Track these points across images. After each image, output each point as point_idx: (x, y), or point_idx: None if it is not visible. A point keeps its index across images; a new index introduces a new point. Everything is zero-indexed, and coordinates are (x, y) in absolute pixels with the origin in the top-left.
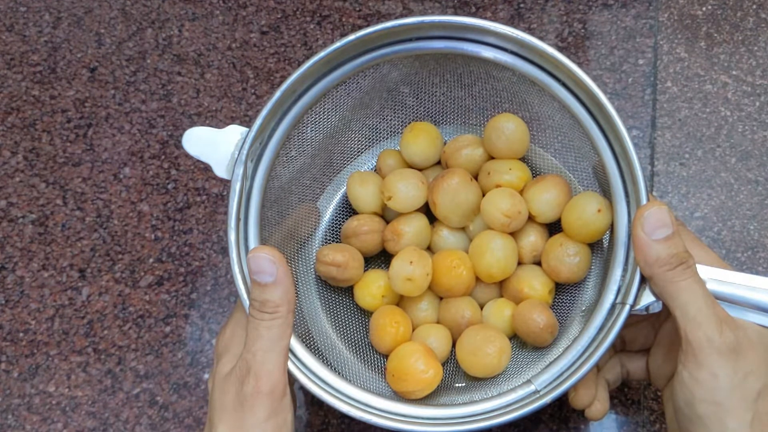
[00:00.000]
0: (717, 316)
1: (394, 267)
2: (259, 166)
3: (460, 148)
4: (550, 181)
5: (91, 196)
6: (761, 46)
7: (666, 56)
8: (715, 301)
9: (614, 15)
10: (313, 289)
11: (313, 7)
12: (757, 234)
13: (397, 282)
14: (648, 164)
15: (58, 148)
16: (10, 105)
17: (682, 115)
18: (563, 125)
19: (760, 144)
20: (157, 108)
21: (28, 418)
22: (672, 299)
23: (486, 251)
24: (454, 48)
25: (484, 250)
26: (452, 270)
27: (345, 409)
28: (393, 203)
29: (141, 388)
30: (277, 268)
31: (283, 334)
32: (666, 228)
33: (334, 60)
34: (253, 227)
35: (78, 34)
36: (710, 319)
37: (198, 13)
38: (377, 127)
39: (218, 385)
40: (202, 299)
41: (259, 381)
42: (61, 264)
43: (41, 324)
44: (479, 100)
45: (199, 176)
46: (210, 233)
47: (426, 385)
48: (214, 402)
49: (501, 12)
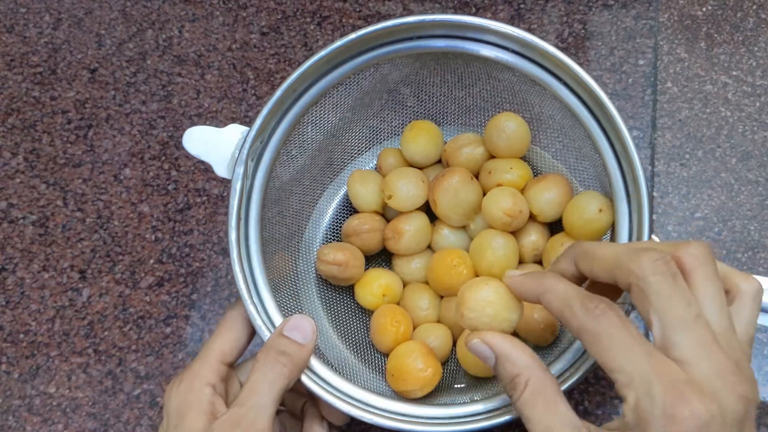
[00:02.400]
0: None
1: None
2: (259, 165)
3: (460, 146)
4: (552, 181)
5: (92, 197)
6: (761, 47)
7: (666, 57)
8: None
9: (614, 15)
10: (313, 289)
11: (314, 8)
12: (757, 234)
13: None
14: (648, 165)
15: (58, 149)
16: (11, 106)
17: (682, 115)
18: (564, 125)
19: (761, 144)
20: (158, 109)
21: (29, 419)
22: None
23: (487, 250)
24: (455, 47)
25: (485, 248)
26: (453, 269)
27: (345, 409)
28: (393, 202)
29: (141, 389)
30: (313, 336)
31: (279, 395)
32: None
33: (334, 59)
34: (254, 227)
35: (78, 35)
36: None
37: (198, 14)
38: (378, 127)
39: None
40: (202, 300)
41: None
42: (62, 265)
43: (42, 325)
44: (479, 101)
45: (199, 177)
46: (210, 234)
47: (425, 384)
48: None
49: (501, 13)
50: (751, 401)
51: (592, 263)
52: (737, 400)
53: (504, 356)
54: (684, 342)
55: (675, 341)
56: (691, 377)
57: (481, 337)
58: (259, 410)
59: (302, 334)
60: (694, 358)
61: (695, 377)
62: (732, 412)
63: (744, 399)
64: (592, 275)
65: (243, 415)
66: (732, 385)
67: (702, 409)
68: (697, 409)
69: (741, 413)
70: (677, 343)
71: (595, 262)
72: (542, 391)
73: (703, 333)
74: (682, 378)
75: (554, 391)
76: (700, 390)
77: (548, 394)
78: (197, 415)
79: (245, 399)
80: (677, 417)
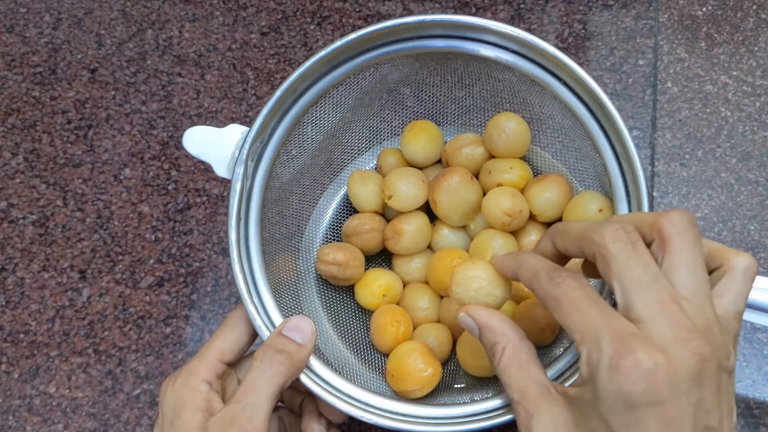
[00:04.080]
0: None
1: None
2: (259, 165)
3: (460, 146)
4: (552, 181)
5: (92, 197)
6: (761, 47)
7: (666, 57)
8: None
9: (614, 15)
10: (313, 288)
11: (314, 8)
12: (757, 234)
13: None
14: (648, 165)
15: (58, 149)
16: (11, 106)
17: (682, 115)
18: (564, 125)
19: (761, 144)
20: (158, 109)
21: (29, 419)
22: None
23: (487, 250)
24: (455, 47)
25: (485, 248)
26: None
27: (345, 409)
28: (393, 202)
29: (141, 389)
30: (312, 337)
31: (277, 393)
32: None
33: (334, 59)
34: (254, 227)
35: (78, 35)
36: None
37: (198, 14)
38: (378, 127)
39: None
40: (202, 300)
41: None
42: (62, 265)
43: (42, 325)
44: (479, 101)
45: (199, 177)
46: (210, 234)
47: (425, 384)
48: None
49: (501, 13)
50: (708, 360)
51: (565, 239)
52: (689, 356)
53: (485, 326)
54: (640, 302)
55: (633, 303)
56: (643, 333)
57: (465, 310)
58: (256, 408)
59: (301, 334)
60: (649, 317)
61: (647, 333)
62: (683, 367)
63: (697, 355)
64: (566, 251)
65: (239, 412)
66: (685, 341)
67: (646, 358)
68: (641, 359)
69: (694, 368)
70: (635, 304)
71: (566, 237)
72: (517, 357)
73: (661, 293)
74: (630, 330)
75: (528, 355)
76: (648, 342)
77: (522, 358)
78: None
79: (242, 396)
80: (620, 366)
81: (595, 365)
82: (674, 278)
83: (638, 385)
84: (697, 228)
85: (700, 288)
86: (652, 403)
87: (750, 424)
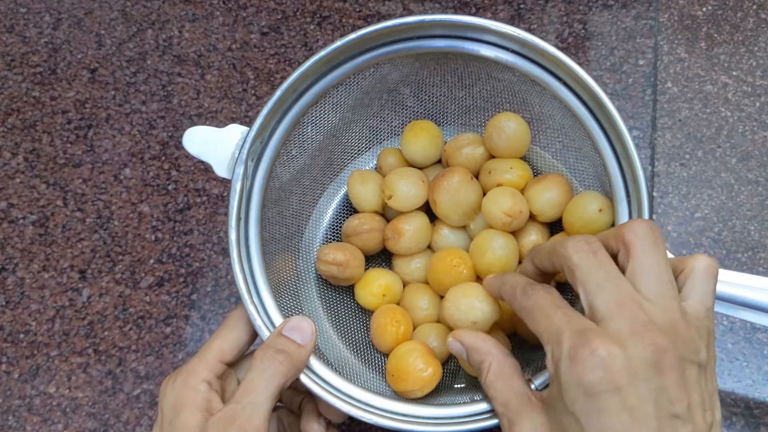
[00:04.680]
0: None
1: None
2: (259, 165)
3: (460, 146)
4: (552, 181)
5: (92, 197)
6: (761, 47)
7: (666, 57)
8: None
9: (614, 15)
10: (313, 288)
11: (314, 8)
12: (757, 234)
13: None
14: (648, 165)
15: (58, 149)
16: (11, 106)
17: (682, 115)
18: (564, 125)
19: (761, 144)
20: (158, 109)
21: (29, 419)
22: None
23: (487, 250)
24: (455, 47)
25: (485, 249)
26: (453, 269)
27: (345, 409)
28: (393, 202)
29: (141, 389)
30: (312, 338)
31: (276, 393)
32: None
33: (334, 59)
34: (254, 227)
35: (78, 35)
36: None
37: (198, 14)
38: (378, 127)
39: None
40: (202, 300)
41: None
42: (62, 265)
43: (42, 325)
44: (479, 101)
45: (199, 177)
46: (210, 234)
47: (425, 383)
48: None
49: (501, 13)
50: (665, 350)
51: (540, 257)
52: (644, 347)
53: (471, 347)
54: (600, 303)
55: (594, 304)
56: (602, 329)
57: (453, 335)
58: (256, 407)
59: (301, 335)
60: (608, 315)
61: (607, 330)
62: (639, 357)
63: (653, 346)
64: (543, 268)
65: (239, 411)
66: (641, 334)
67: (601, 347)
68: (596, 347)
69: (650, 358)
70: (596, 305)
71: (541, 255)
72: (501, 372)
73: (620, 293)
74: (589, 326)
75: (512, 370)
76: (604, 334)
77: (507, 372)
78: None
79: (242, 396)
80: (578, 356)
81: (557, 361)
82: (638, 281)
83: (595, 372)
84: (659, 234)
85: (664, 289)
86: (611, 390)
87: (750, 424)
